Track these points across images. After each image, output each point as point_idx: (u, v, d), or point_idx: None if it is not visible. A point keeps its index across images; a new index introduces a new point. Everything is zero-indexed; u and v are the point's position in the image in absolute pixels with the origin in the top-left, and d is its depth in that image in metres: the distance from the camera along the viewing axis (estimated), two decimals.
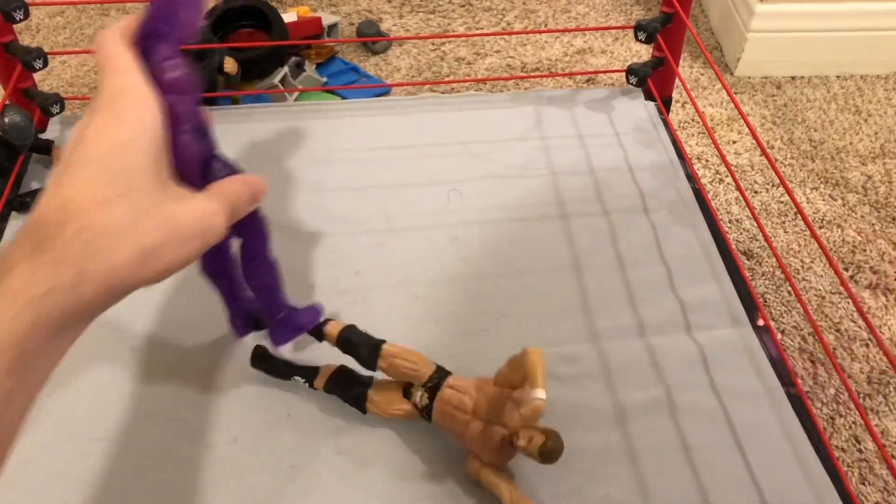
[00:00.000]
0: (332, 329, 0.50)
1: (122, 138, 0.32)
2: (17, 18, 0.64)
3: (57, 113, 0.71)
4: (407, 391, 0.49)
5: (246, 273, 0.44)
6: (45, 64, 0.68)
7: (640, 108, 0.80)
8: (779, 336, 0.71)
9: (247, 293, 0.48)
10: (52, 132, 0.72)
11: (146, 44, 0.35)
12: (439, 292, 0.60)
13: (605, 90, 0.82)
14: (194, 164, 0.36)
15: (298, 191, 0.69)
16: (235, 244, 0.44)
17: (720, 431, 0.52)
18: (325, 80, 1.00)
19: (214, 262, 0.45)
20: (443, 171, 0.71)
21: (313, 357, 0.53)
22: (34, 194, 0.65)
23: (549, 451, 0.42)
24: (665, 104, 0.80)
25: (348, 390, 0.50)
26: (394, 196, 0.68)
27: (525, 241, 0.65)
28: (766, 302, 0.73)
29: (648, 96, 0.81)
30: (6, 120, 0.60)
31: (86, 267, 0.29)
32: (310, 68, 1.01)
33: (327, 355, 0.51)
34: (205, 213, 0.33)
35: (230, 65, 0.73)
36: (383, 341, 0.49)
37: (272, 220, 0.44)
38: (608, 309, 0.60)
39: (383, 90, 1.06)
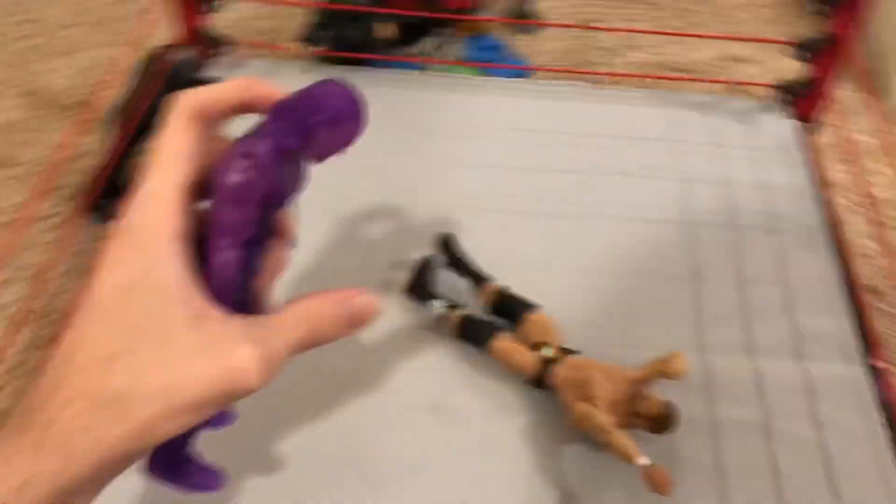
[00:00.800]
0: (489, 288, 0.57)
1: (134, 276, 0.27)
2: None
3: (225, 53, 0.76)
4: (537, 347, 0.53)
5: None
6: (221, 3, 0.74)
7: (784, 126, 0.78)
8: None
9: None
10: (218, 73, 0.78)
11: (267, 133, 0.30)
12: (553, 281, 0.62)
13: (749, 102, 0.80)
14: (230, 291, 0.29)
15: (428, 163, 0.71)
16: None
17: (813, 463, 0.51)
18: (470, 53, 1.03)
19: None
20: (574, 161, 0.72)
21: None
22: None
23: (667, 416, 0.47)
24: (812, 126, 0.78)
25: (480, 326, 0.55)
26: (521, 179, 0.70)
27: (647, 242, 0.65)
28: (885, 343, 0.71)
29: (795, 115, 0.79)
30: (178, 57, 0.66)
31: (72, 448, 0.25)
32: (457, 40, 1.03)
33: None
34: (231, 369, 0.27)
35: (389, 29, 0.76)
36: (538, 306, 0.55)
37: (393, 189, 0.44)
38: (721, 323, 0.60)
39: (522, 74, 1.07)
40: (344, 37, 0.77)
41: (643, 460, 0.44)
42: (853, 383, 0.57)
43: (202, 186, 0.30)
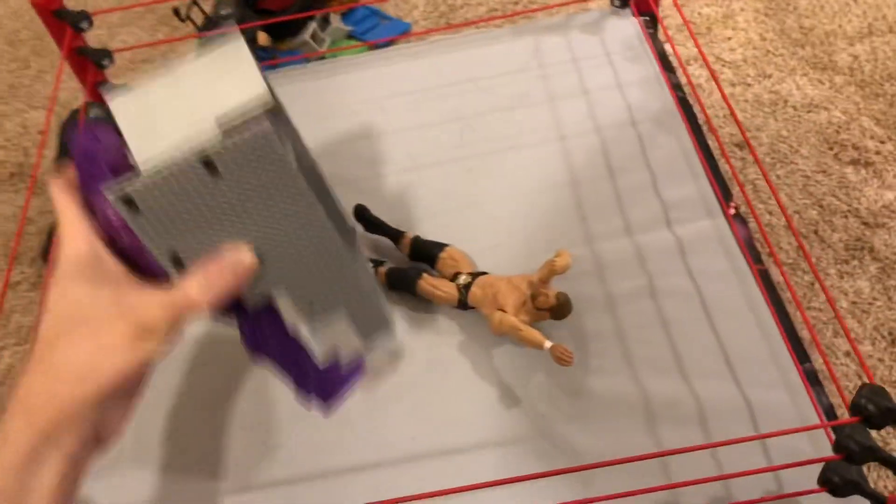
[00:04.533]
0: (405, 239, 0.65)
1: (58, 278, 0.36)
2: (84, 28, 0.75)
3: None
4: (454, 277, 0.61)
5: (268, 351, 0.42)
6: (112, 61, 0.79)
7: (628, 26, 0.85)
8: (767, 217, 0.79)
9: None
10: None
11: (85, 188, 0.37)
12: (458, 218, 0.70)
13: (596, 13, 0.87)
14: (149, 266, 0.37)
15: (336, 142, 0.79)
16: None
17: (693, 308, 0.61)
18: (350, 28, 1.08)
19: (254, 338, 0.42)
20: (456, 109, 0.79)
21: None
22: None
23: (562, 304, 0.56)
24: (653, 18, 0.86)
25: (404, 275, 0.63)
26: (416, 137, 0.78)
27: (529, 164, 0.73)
28: (755, 188, 0.81)
29: (636, 12, 0.86)
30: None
31: (30, 409, 0.34)
32: (335, 19, 1.09)
33: None
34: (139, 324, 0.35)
35: (262, 38, 0.82)
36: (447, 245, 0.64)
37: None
38: (600, 215, 0.69)
39: (404, 28, 1.13)
40: None
41: (547, 344, 0.54)
42: (717, 233, 0.66)
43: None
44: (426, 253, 0.64)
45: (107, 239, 0.37)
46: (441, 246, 0.64)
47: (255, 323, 0.40)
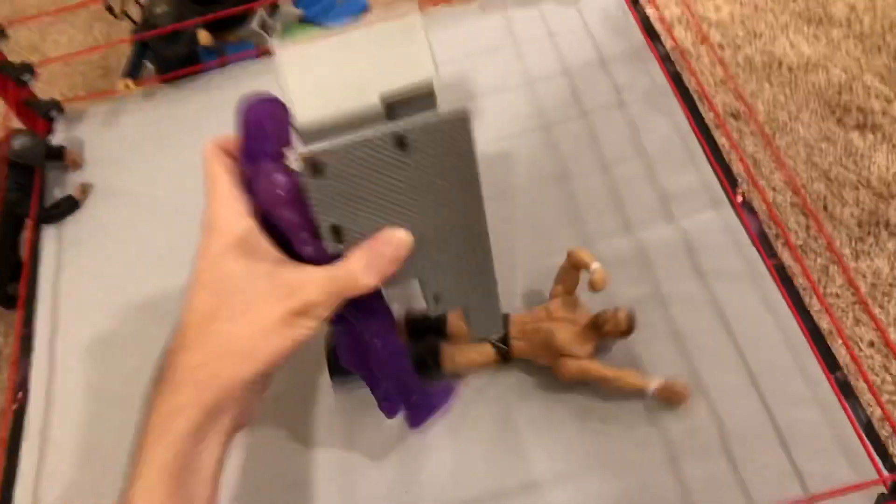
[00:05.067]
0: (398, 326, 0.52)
1: (213, 253, 0.35)
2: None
3: (56, 117, 0.74)
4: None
5: (371, 358, 0.42)
6: (34, 75, 0.70)
7: None
8: (771, 194, 0.72)
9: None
10: (60, 136, 0.75)
11: (251, 162, 0.36)
12: None
13: None
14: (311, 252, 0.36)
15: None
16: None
17: (706, 315, 0.55)
18: (301, 12, 0.99)
19: (353, 355, 0.43)
20: None
21: None
22: (61, 203, 0.68)
23: (632, 318, 0.49)
24: None
25: (422, 355, 0.52)
26: None
27: (510, 157, 0.66)
28: (755, 162, 0.74)
29: None
30: (16, 146, 0.63)
31: (195, 384, 0.33)
32: (285, 3, 0.99)
33: None
34: (300, 303, 0.34)
35: (203, 37, 0.74)
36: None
37: None
38: (595, 212, 0.61)
39: (361, 7, 1.04)
40: (166, 58, 0.74)
41: (652, 385, 0.49)
42: (725, 225, 0.60)
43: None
44: (427, 325, 0.55)
45: (261, 215, 0.36)
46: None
47: (361, 330, 0.40)
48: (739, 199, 0.60)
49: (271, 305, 0.34)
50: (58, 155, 0.71)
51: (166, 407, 0.33)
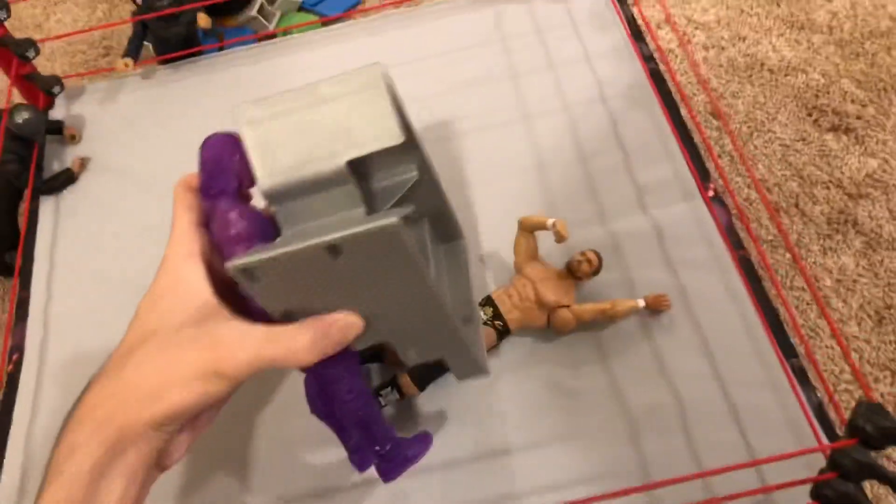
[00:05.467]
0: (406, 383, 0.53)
1: (155, 292, 0.35)
2: (2, 18, 0.68)
3: (58, 93, 0.76)
4: None
5: (336, 404, 0.40)
6: (37, 52, 0.72)
7: None
8: (746, 191, 0.74)
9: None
10: (59, 111, 0.77)
11: (209, 199, 0.36)
12: None
13: None
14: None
15: None
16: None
17: (672, 301, 0.57)
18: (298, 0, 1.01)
19: (320, 403, 0.41)
20: (412, 89, 0.73)
21: None
22: (58, 176, 0.71)
23: (599, 254, 0.55)
24: None
25: (434, 366, 0.53)
26: None
27: (491, 147, 0.68)
28: (732, 159, 0.76)
29: None
30: (17, 120, 0.66)
31: (96, 419, 0.33)
32: None
33: None
34: (215, 358, 0.33)
35: (202, 20, 0.76)
36: None
37: None
38: (571, 202, 0.64)
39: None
40: (165, 39, 0.76)
41: (641, 302, 0.55)
42: (696, 217, 0.62)
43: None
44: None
45: (219, 249, 0.36)
46: None
47: (327, 383, 0.40)
48: (711, 193, 0.63)
49: (190, 354, 0.33)
50: (57, 129, 0.73)
51: (66, 443, 0.33)
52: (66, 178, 0.70)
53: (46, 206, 0.70)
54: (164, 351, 0.33)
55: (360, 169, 0.34)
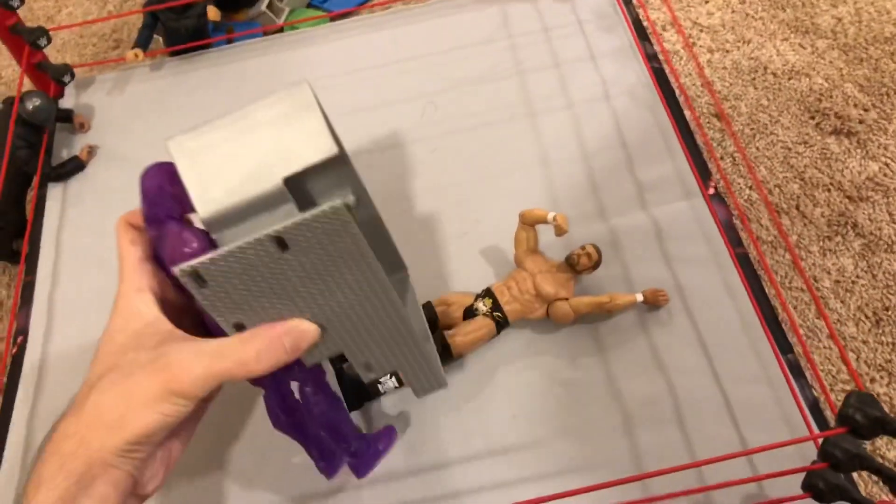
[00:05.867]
0: None
1: (110, 328, 0.36)
2: (15, 6, 0.69)
3: (69, 81, 0.77)
4: (469, 313, 0.56)
5: (301, 412, 0.41)
6: (49, 41, 0.73)
7: None
8: (747, 192, 0.75)
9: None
10: (69, 100, 0.78)
11: (156, 225, 0.37)
12: (423, 203, 0.66)
13: None
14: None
15: None
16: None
17: (671, 297, 0.58)
18: None
19: (284, 415, 0.41)
20: (418, 85, 0.75)
21: None
22: (67, 164, 0.71)
23: (598, 248, 0.55)
24: None
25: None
26: (376, 116, 0.73)
27: (496, 143, 0.69)
28: (734, 161, 0.77)
29: None
30: (29, 106, 0.66)
31: (61, 452, 0.34)
32: None
33: None
34: (168, 380, 0.34)
35: (212, 13, 0.77)
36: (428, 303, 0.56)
37: None
38: (573, 198, 0.65)
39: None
40: (174, 30, 0.77)
41: (639, 297, 0.56)
42: (696, 215, 0.63)
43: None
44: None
45: (170, 277, 0.37)
46: (427, 307, 0.56)
47: (287, 394, 0.40)
48: (711, 191, 0.63)
49: (146, 379, 0.34)
50: (66, 117, 0.74)
51: (34, 479, 0.34)
52: (75, 166, 0.71)
53: (54, 193, 0.71)
54: (124, 380, 0.34)
55: (297, 194, 0.35)
